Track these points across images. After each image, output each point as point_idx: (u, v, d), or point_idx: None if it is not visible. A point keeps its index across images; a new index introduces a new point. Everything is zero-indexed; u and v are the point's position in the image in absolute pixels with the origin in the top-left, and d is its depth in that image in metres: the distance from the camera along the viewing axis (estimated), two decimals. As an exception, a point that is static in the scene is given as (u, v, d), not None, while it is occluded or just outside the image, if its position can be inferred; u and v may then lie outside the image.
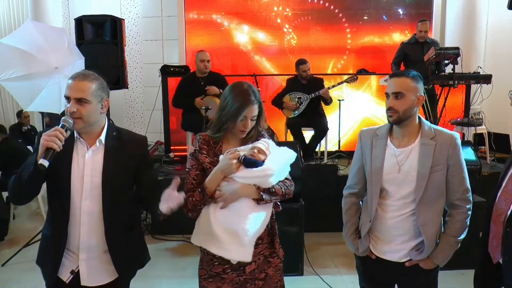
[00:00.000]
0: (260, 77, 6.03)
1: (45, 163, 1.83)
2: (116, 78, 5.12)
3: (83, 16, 5.21)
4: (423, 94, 2.21)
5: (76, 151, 2.04)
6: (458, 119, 5.84)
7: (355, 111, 6.47)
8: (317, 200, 4.66)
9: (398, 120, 2.19)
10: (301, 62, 5.80)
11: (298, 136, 5.62)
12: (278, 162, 2.07)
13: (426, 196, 2.17)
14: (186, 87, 5.51)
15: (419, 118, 2.26)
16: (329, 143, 5.92)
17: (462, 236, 2.25)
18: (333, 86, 5.71)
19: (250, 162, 2.02)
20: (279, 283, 2.22)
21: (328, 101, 5.66)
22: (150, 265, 4.41)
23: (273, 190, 2.05)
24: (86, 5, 7.02)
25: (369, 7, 7.43)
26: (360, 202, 2.45)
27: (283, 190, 2.08)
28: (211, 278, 2.13)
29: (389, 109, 2.20)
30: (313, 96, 5.59)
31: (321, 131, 5.62)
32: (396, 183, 2.21)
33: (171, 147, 6.27)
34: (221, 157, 2.07)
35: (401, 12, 7.53)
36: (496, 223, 2.30)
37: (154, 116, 6.74)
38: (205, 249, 2.11)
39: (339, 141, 6.03)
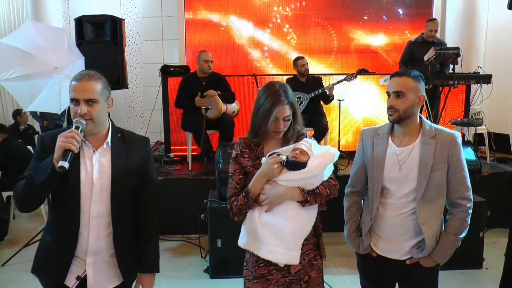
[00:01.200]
0: (260, 77, 6.02)
1: (66, 165, 1.81)
2: (116, 78, 5.12)
3: (83, 16, 5.21)
4: (424, 94, 2.22)
5: (82, 154, 2.00)
6: (458, 119, 5.84)
7: (355, 111, 6.47)
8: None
9: (399, 119, 2.20)
10: (298, 58, 5.81)
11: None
12: (321, 163, 2.04)
13: (426, 195, 2.18)
14: (187, 87, 5.51)
15: (420, 117, 2.27)
16: (329, 143, 5.91)
17: (463, 235, 2.25)
18: (333, 84, 5.71)
19: (293, 165, 2.00)
20: (321, 285, 2.22)
21: (331, 98, 5.67)
22: (150, 265, 4.41)
23: (318, 191, 2.04)
24: (86, 5, 7.02)
25: (369, 7, 7.43)
26: (362, 201, 2.46)
27: (328, 191, 2.06)
28: (256, 279, 2.13)
29: (389, 108, 2.21)
30: (312, 95, 5.60)
31: (321, 131, 5.62)
32: (397, 181, 2.23)
33: (171, 147, 6.27)
34: (263, 159, 2.06)
35: (401, 12, 7.53)
36: None
37: (154, 116, 6.74)
38: (252, 252, 2.11)
39: (339, 141, 6.03)
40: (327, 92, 5.60)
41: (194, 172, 5.29)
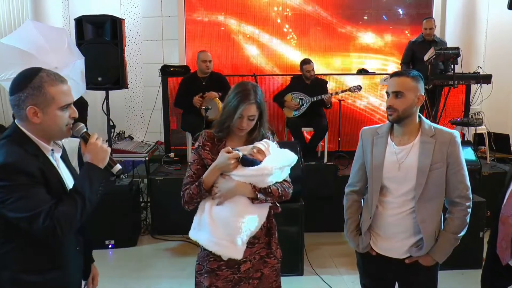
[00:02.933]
0: (260, 77, 6.02)
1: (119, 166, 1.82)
2: (116, 78, 5.11)
3: (83, 16, 5.20)
4: (423, 94, 2.23)
5: (54, 161, 1.79)
6: (458, 119, 5.84)
7: (355, 110, 6.48)
8: (317, 200, 4.66)
9: (398, 118, 2.22)
10: (305, 62, 5.82)
11: (298, 136, 5.63)
12: (276, 163, 2.09)
13: (425, 194, 2.20)
14: (187, 87, 5.52)
15: (419, 116, 2.29)
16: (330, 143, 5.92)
17: (462, 233, 2.27)
18: (336, 93, 5.75)
19: (248, 161, 2.05)
20: (275, 283, 2.24)
21: (328, 106, 5.69)
22: (150, 265, 4.45)
23: (269, 190, 2.07)
24: (86, 5, 7.01)
25: (369, 7, 7.42)
26: (362, 200, 2.47)
27: (280, 192, 2.10)
28: (207, 273, 2.17)
29: (389, 108, 2.23)
30: (314, 99, 5.61)
31: (321, 131, 5.63)
32: (396, 180, 2.25)
33: (171, 147, 6.27)
34: (220, 153, 2.09)
35: (401, 12, 7.52)
36: (505, 224, 2.34)
37: (154, 116, 6.73)
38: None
39: (339, 141, 6.03)
40: (325, 100, 5.61)
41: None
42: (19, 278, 1.67)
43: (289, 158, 2.16)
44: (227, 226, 2.05)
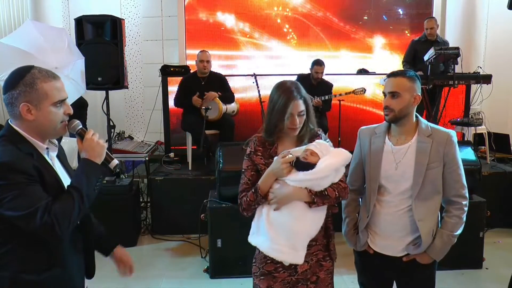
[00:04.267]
0: (260, 77, 6.01)
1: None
2: (116, 78, 5.11)
3: (83, 16, 5.20)
4: (419, 94, 2.24)
5: (49, 160, 1.78)
6: (458, 119, 5.84)
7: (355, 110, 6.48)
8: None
9: (394, 118, 2.24)
10: (316, 63, 5.80)
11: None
12: (330, 165, 2.05)
13: (422, 192, 2.22)
14: (187, 87, 5.52)
15: (416, 116, 2.32)
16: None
17: (458, 232, 2.29)
18: (340, 95, 5.74)
19: (302, 165, 2.03)
20: (330, 286, 2.22)
21: (320, 109, 5.65)
22: (150, 265, 4.44)
23: (326, 193, 2.05)
24: (86, 5, 7.01)
25: (369, 7, 7.42)
26: (359, 199, 2.48)
27: (337, 193, 2.07)
28: (263, 276, 2.16)
29: (385, 108, 2.26)
30: (313, 102, 5.60)
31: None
32: (393, 179, 2.27)
33: (171, 147, 6.27)
34: (275, 158, 2.09)
35: (401, 12, 7.53)
36: None
37: (154, 116, 6.74)
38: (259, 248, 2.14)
39: (339, 141, 6.03)
40: (315, 105, 5.58)
41: (194, 172, 5.29)
42: (18, 278, 1.65)
43: (343, 157, 2.10)
44: (286, 232, 2.05)
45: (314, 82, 5.78)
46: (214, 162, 4.62)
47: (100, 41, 5.12)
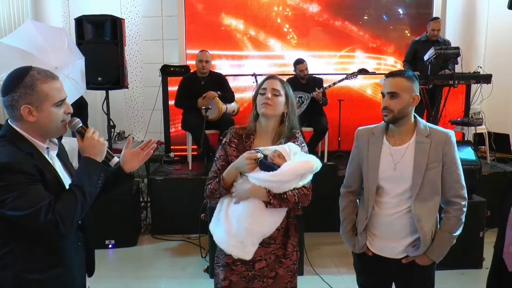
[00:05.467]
0: (260, 77, 6.02)
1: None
2: (116, 78, 5.12)
3: (83, 16, 5.20)
4: (418, 94, 2.23)
5: (50, 159, 1.78)
6: (458, 119, 5.84)
7: (355, 110, 6.47)
8: (317, 200, 4.63)
9: (393, 119, 2.23)
10: (298, 62, 5.80)
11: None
12: (294, 170, 2.04)
13: (421, 193, 2.21)
14: (187, 87, 5.52)
15: (415, 116, 2.31)
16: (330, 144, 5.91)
17: (457, 233, 2.28)
18: (334, 84, 5.72)
19: (265, 166, 2.03)
20: (289, 284, 2.24)
21: (321, 102, 5.66)
22: (150, 264, 4.45)
23: (285, 196, 2.06)
24: (86, 5, 7.02)
25: (369, 7, 7.42)
26: (358, 200, 2.47)
27: (296, 198, 2.08)
28: (223, 267, 2.21)
29: (384, 109, 2.24)
30: (313, 95, 5.60)
31: (321, 131, 5.63)
32: (392, 180, 2.26)
33: (171, 147, 6.27)
34: (245, 153, 2.10)
35: (401, 12, 7.53)
36: None
37: (154, 116, 6.74)
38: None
39: (339, 141, 6.03)
40: (315, 98, 5.59)
41: (194, 172, 5.29)
42: (21, 277, 1.65)
43: (311, 166, 2.10)
44: (239, 227, 2.07)
45: (303, 81, 5.77)
46: (214, 162, 4.62)
47: (100, 41, 5.13)
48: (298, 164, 2.07)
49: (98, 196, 1.82)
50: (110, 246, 4.71)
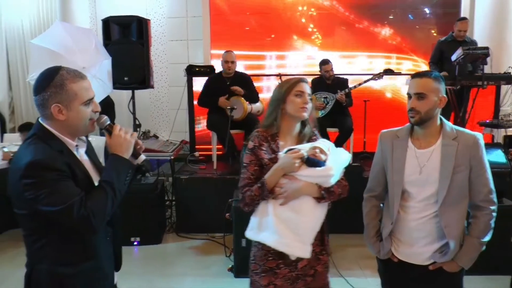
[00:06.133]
0: (285, 77, 6.01)
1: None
2: (141, 78, 5.18)
3: (110, 17, 5.28)
4: (445, 95, 2.18)
5: (79, 156, 1.82)
6: (487, 121, 5.72)
7: (380, 111, 6.41)
8: (341, 201, 4.61)
9: (420, 121, 2.17)
10: (323, 62, 5.77)
11: (323, 137, 5.57)
12: (337, 163, 2.14)
13: (449, 197, 2.14)
14: (212, 86, 5.54)
15: (441, 119, 2.24)
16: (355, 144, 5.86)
17: (487, 238, 2.21)
18: (359, 85, 5.67)
19: (313, 162, 2.08)
20: (326, 280, 2.28)
21: (344, 104, 5.61)
22: (175, 262, 4.49)
23: (332, 189, 2.11)
24: (113, 6, 7.10)
25: (395, 6, 7.33)
26: (381, 205, 2.42)
27: (340, 190, 2.14)
28: (264, 272, 2.19)
29: (411, 110, 2.18)
30: (336, 97, 5.56)
31: (346, 132, 5.58)
32: (418, 184, 2.20)
33: (196, 146, 6.31)
34: (280, 154, 2.13)
35: (427, 11, 7.41)
36: None
37: (179, 115, 6.79)
38: (262, 243, 2.17)
39: (364, 142, 5.98)
40: (339, 100, 5.54)
41: (219, 172, 5.31)
42: (55, 271, 1.71)
43: (346, 157, 2.22)
44: (295, 226, 2.08)
45: (328, 82, 5.73)
46: (239, 162, 4.63)
47: (127, 42, 5.19)
48: (339, 156, 2.18)
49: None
50: (135, 243, 4.76)
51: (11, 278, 4.00)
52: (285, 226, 2.08)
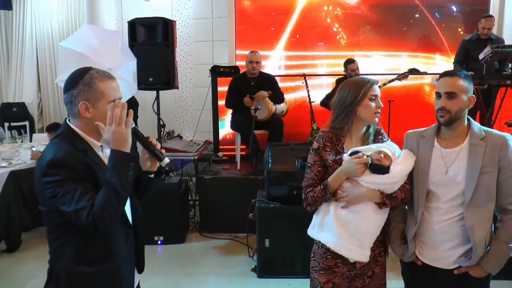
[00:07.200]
0: (309, 77, 5.99)
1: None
2: (166, 78, 5.23)
3: (136, 18, 5.35)
4: (474, 95, 2.14)
5: (104, 157, 1.85)
6: (516, 121, 5.58)
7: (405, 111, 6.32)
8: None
9: (450, 121, 2.11)
10: (349, 62, 5.74)
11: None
12: (404, 170, 2.11)
13: (475, 199, 2.07)
14: (237, 87, 5.56)
15: (468, 119, 2.19)
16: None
17: None
18: (384, 85, 5.60)
19: (377, 168, 2.07)
20: (383, 280, 2.28)
21: None
22: (198, 262, 4.52)
23: (395, 195, 2.10)
24: (139, 8, 7.21)
25: (421, 4, 7.22)
26: (406, 207, 2.38)
27: (403, 195, 2.12)
28: (323, 270, 2.21)
29: (441, 109, 2.12)
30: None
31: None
32: (443, 185, 2.14)
33: (220, 147, 6.35)
34: (344, 156, 2.13)
35: (455, 9, 7.27)
36: None
37: (203, 116, 6.84)
38: (322, 243, 2.19)
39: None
40: None
41: (242, 172, 5.33)
42: (73, 269, 1.74)
43: (411, 161, 2.16)
44: (355, 230, 2.10)
45: None
46: (262, 162, 4.64)
47: (152, 43, 5.25)
48: (404, 161, 2.13)
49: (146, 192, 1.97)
50: (159, 242, 4.81)
51: (39, 275, 4.09)
52: (344, 230, 2.10)
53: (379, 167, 2.06)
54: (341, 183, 2.11)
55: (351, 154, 2.10)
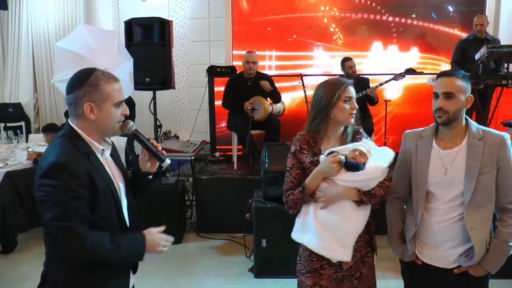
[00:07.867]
0: (306, 77, 5.99)
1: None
2: (163, 78, 5.23)
3: (132, 18, 5.34)
4: (471, 95, 2.14)
5: (104, 161, 1.84)
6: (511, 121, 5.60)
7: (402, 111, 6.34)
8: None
9: (448, 121, 2.11)
10: (346, 59, 5.76)
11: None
12: (379, 165, 2.09)
13: (474, 199, 2.08)
14: (234, 87, 5.55)
15: (466, 119, 2.19)
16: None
17: None
18: (380, 85, 5.61)
19: (352, 166, 2.06)
20: (372, 281, 2.27)
21: (375, 100, 5.58)
22: (195, 263, 4.51)
23: (373, 192, 2.09)
24: (135, 8, 7.20)
25: (418, 5, 7.23)
26: (405, 206, 2.38)
27: (382, 192, 2.10)
28: (309, 273, 2.20)
29: (439, 110, 2.12)
30: (360, 95, 5.52)
31: (366, 133, 5.53)
32: (442, 185, 2.15)
33: (217, 147, 6.34)
34: (321, 157, 2.12)
35: (451, 10, 7.29)
36: None
37: (200, 116, 6.83)
38: (305, 245, 2.19)
39: (385, 143, 5.92)
40: (370, 94, 5.51)
41: (239, 172, 5.33)
42: (75, 272, 1.74)
43: (389, 157, 2.15)
44: (335, 230, 2.09)
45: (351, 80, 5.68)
46: (259, 162, 4.64)
47: (149, 43, 5.25)
48: (381, 157, 2.12)
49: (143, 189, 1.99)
50: (156, 243, 4.79)
51: (36, 276, 4.08)
52: (325, 230, 2.09)
53: (354, 165, 2.05)
54: (319, 183, 2.10)
55: (328, 155, 2.09)
